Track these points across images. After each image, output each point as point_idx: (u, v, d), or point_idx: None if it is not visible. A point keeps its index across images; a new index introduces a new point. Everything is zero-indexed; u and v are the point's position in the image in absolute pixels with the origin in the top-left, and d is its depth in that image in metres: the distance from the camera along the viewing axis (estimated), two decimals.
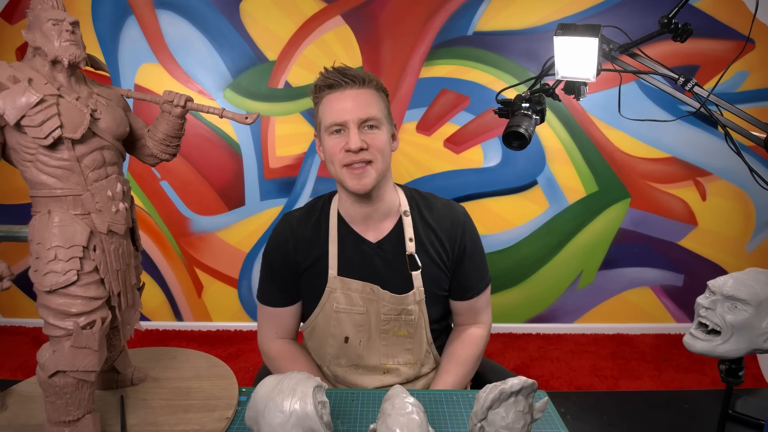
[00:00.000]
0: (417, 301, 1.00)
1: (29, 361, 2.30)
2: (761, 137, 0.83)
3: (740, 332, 0.55)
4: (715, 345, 0.57)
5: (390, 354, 1.01)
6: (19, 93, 0.64)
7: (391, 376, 1.02)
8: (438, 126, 2.51)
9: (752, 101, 2.42)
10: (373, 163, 0.93)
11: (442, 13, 2.41)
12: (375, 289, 0.99)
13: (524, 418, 0.65)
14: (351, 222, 1.03)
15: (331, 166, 0.96)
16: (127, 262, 0.77)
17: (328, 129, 0.94)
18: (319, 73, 0.97)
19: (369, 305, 0.99)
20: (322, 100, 0.96)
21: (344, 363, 1.03)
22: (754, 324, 0.56)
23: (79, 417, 0.71)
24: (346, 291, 0.99)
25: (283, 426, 0.64)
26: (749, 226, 2.57)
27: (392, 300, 0.98)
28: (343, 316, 1.00)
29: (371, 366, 1.02)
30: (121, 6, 2.42)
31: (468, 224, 1.06)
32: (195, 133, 2.53)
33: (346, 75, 0.93)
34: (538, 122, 0.96)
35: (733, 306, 0.55)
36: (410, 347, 1.02)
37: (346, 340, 1.01)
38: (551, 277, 2.66)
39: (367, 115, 0.92)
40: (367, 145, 0.91)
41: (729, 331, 0.56)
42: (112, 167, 0.74)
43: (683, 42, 0.86)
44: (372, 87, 0.95)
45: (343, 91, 0.93)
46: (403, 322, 1.00)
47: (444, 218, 1.04)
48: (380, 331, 1.00)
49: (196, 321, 2.76)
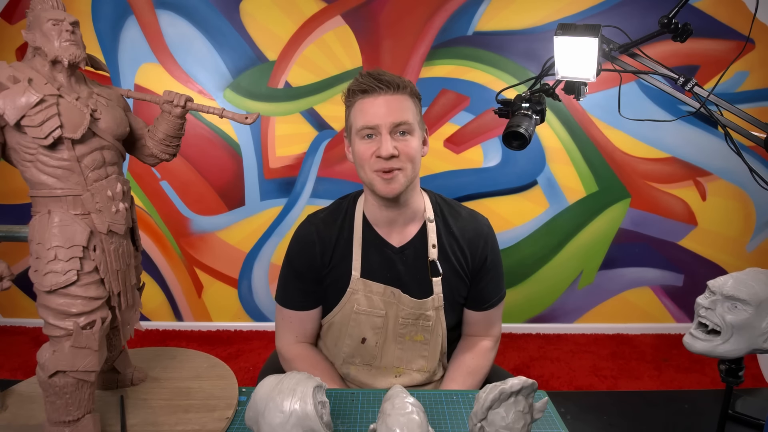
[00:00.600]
0: (435, 307, 1.00)
1: (29, 361, 2.30)
2: (761, 137, 0.83)
3: (740, 332, 0.55)
4: (714, 345, 0.57)
5: (404, 358, 1.02)
6: (19, 93, 0.64)
7: (402, 380, 1.02)
8: (438, 126, 2.51)
9: (752, 101, 2.42)
10: (403, 171, 0.93)
11: (442, 13, 2.41)
12: (396, 292, 0.99)
13: (524, 418, 0.65)
14: (375, 225, 1.03)
15: (361, 170, 0.96)
16: (127, 262, 0.77)
17: (360, 132, 0.93)
18: (354, 78, 0.96)
19: (389, 308, 0.99)
20: (354, 104, 0.95)
21: (358, 362, 1.03)
22: (754, 324, 0.56)
23: (79, 417, 0.71)
24: (368, 293, 0.99)
25: (283, 426, 0.64)
26: (749, 226, 2.57)
27: (412, 304, 0.99)
28: (363, 317, 1.00)
29: (384, 367, 1.02)
30: (121, 6, 2.42)
31: (491, 237, 1.06)
32: (195, 133, 2.53)
33: (381, 80, 0.92)
34: (538, 122, 0.96)
35: (733, 306, 0.55)
36: (426, 354, 1.02)
37: (363, 341, 1.01)
38: (551, 277, 2.66)
39: (399, 120, 0.91)
40: (398, 152, 0.91)
41: (729, 331, 0.56)
42: (112, 167, 0.74)
43: (683, 42, 0.86)
44: (406, 93, 0.94)
45: (377, 97, 0.92)
46: (420, 327, 1.00)
47: (468, 228, 1.04)
48: (397, 335, 1.01)
49: (196, 321, 2.76)
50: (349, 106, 0.97)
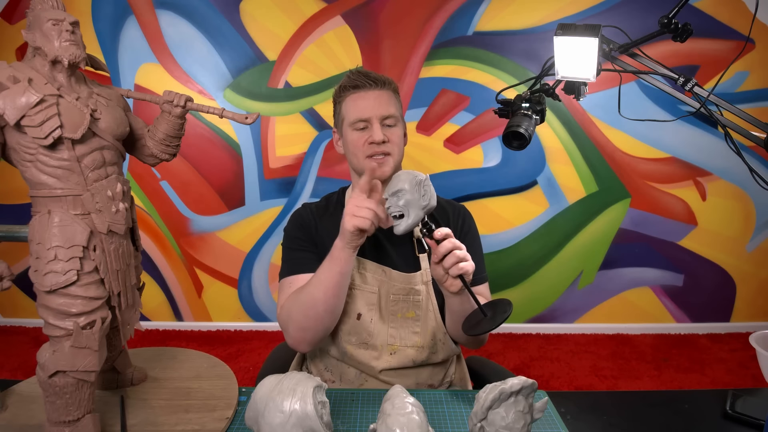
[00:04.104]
0: (425, 281, 1.06)
1: (29, 361, 2.31)
2: (761, 137, 0.83)
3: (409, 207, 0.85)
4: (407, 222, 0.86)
5: (398, 336, 1.06)
6: (19, 93, 0.64)
7: (397, 357, 1.05)
8: (438, 126, 2.51)
9: (752, 101, 2.43)
10: (392, 155, 1.05)
11: (442, 13, 2.41)
12: (386, 270, 1.06)
13: (524, 418, 0.65)
14: None
15: (354, 157, 1.06)
16: (127, 262, 0.77)
17: (353, 124, 1.04)
18: (345, 75, 1.08)
19: (380, 285, 1.06)
20: (345, 99, 1.07)
21: (354, 341, 1.06)
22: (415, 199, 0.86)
23: (79, 417, 0.71)
24: (361, 270, 1.06)
25: (283, 426, 0.64)
26: (749, 226, 2.57)
27: (401, 279, 1.05)
28: (357, 293, 1.06)
29: (379, 345, 1.06)
30: (121, 6, 2.42)
31: (468, 217, 1.17)
32: (195, 133, 2.53)
33: (369, 77, 1.04)
34: (538, 122, 0.96)
35: (397, 198, 0.85)
36: (418, 330, 1.06)
37: (359, 317, 1.06)
38: (551, 277, 2.66)
39: (387, 113, 1.04)
40: (387, 138, 1.03)
41: (407, 210, 0.86)
42: (112, 167, 0.74)
43: (683, 42, 0.85)
44: (390, 89, 1.07)
45: (366, 92, 1.04)
46: (411, 303, 1.06)
47: (446, 209, 1.15)
48: (389, 312, 1.06)
49: (196, 321, 2.76)
50: (340, 101, 1.08)
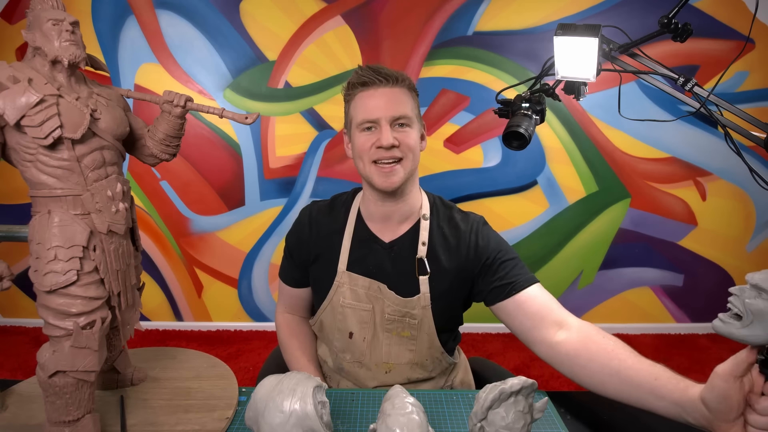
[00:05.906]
0: (422, 306, 0.98)
1: (29, 361, 2.30)
2: (761, 137, 0.83)
3: (760, 319, 0.57)
4: (735, 328, 0.59)
5: (393, 353, 1.01)
6: (19, 93, 0.64)
7: (392, 376, 1.02)
8: (438, 126, 2.51)
9: (752, 101, 2.43)
10: (403, 161, 0.93)
11: (442, 13, 2.41)
12: (382, 287, 0.99)
13: (524, 418, 0.65)
14: (369, 220, 1.03)
15: (360, 162, 0.96)
16: (127, 262, 0.77)
17: (360, 126, 0.94)
18: (354, 71, 0.97)
19: (375, 303, 0.99)
20: (354, 97, 0.96)
21: (349, 358, 1.03)
22: None
23: (79, 417, 0.71)
24: (353, 287, 1.00)
25: (283, 426, 0.64)
26: (749, 226, 2.57)
27: (397, 301, 0.98)
28: (349, 311, 1.00)
29: (374, 364, 1.02)
30: (121, 6, 2.42)
31: (483, 231, 1.01)
32: (195, 133, 2.53)
33: (380, 73, 0.93)
34: (538, 122, 0.96)
35: (757, 294, 0.57)
36: (413, 348, 1.01)
37: (351, 335, 1.01)
38: (551, 277, 2.65)
39: (399, 113, 0.92)
40: (398, 142, 0.92)
41: (749, 317, 0.58)
42: (112, 167, 0.74)
43: (683, 42, 0.86)
44: (404, 86, 0.95)
45: (376, 89, 0.93)
46: (406, 325, 1.00)
47: (459, 230, 1.01)
48: (384, 330, 1.00)
49: (196, 321, 2.76)
50: (349, 99, 0.97)
